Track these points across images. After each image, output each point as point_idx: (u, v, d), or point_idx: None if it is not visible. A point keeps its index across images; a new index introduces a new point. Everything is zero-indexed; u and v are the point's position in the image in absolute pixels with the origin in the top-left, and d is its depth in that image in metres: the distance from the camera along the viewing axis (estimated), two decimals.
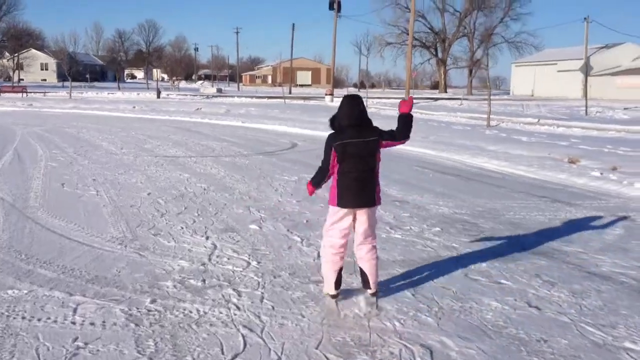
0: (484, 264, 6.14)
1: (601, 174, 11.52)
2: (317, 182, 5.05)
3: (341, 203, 4.81)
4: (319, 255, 6.02)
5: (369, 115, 5.06)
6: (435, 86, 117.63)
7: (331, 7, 67.77)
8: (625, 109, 37.31)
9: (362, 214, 4.84)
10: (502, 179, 11.87)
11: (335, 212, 4.88)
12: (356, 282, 5.33)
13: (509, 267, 6.04)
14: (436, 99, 53.25)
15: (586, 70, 33.41)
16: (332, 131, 4.92)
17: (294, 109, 37.99)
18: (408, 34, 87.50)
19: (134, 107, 38.06)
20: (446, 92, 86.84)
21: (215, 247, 6.68)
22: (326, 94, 52.02)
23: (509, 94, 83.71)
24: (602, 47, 74.31)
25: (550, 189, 10.85)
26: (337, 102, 48.08)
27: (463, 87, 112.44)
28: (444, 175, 12.17)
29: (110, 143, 17.70)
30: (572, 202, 9.54)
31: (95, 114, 33.12)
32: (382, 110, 35.68)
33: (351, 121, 4.83)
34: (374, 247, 4.97)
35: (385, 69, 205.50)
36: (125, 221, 7.84)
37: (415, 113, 9.16)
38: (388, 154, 6.89)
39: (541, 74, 78.32)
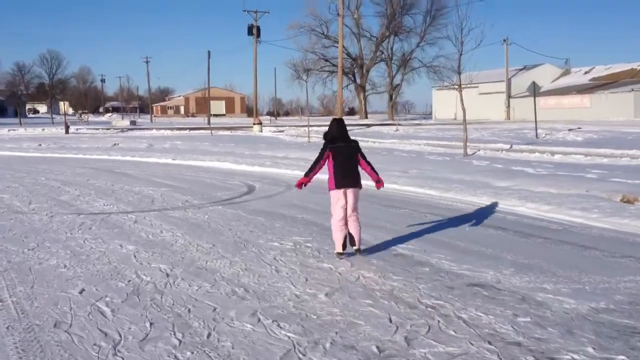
0: None
1: None
2: (310, 172, 7.49)
3: (337, 186, 7.28)
4: None
5: None
6: (351, 112, 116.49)
7: (250, 33, 64.70)
8: (570, 130, 36.06)
9: (350, 193, 7.30)
10: (569, 232, 8.92)
11: (335, 195, 7.32)
12: None
13: None
14: (368, 125, 51.00)
15: (534, 90, 31.73)
16: (324, 141, 7.52)
17: (225, 141, 34.39)
18: (326, 60, 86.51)
19: (40, 144, 33.30)
20: (367, 117, 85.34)
21: None
22: (254, 124, 48.61)
23: (431, 118, 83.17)
24: (522, 69, 75.04)
25: None
26: (266, 133, 44.94)
27: (380, 112, 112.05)
28: (485, 230, 9.11)
29: (13, 195, 13.68)
30: None
31: None
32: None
33: (339, 134, 7.47)
34: (358, 217, 7.39)
35: (297, 97, 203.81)
36: None
37: (361, 141, 8.76)
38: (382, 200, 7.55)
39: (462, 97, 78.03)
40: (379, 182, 7.57)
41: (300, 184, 7.49)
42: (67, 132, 47.36)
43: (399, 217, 10.23)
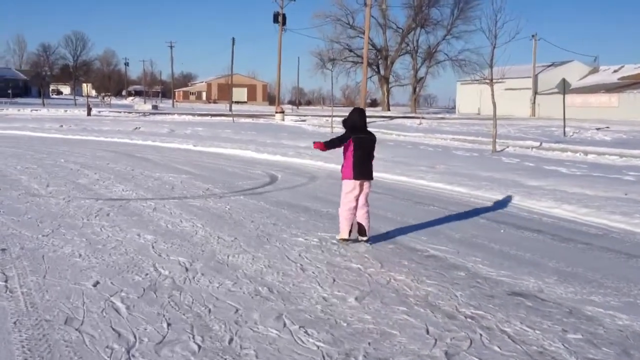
0: None
1: None
2: (330, 145, 7.42)
3: (355, 177, 7.32)
4: None
5: None
6: (373, 103, 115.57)
7: (275, 20, 64.23)
8: (597, 129, 35.19)
9: (365, 185, 7.45)
10: (611, 238, 8.37)
11: (350, 184, 7.37)
12: None
13: None
14: (391, 118, 50.38)
15: (564, 87, 30.95)
16: (344, 128, 7.50)
17: (246, 129, 34.04)
18: (350, 51, 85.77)
19: (62, 125, 33.20)
20: (389, 110, 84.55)
21: None
22: (276, 112, 48.21)
23: (454, 112, 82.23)
24: (549, 66, 73.71)
25: None
26: (288, 122, 44.52)
27: (402, 105, 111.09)
28: (521, 232, 8.62)
29: (32, 177, 13.40)
30: None
31: (15, 135, 28.25)
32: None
33: (361, 124, 7.45)
34: (368, 210, 7.52)
35: (319, 86, 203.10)
36: None
37: (384, 134, 8.70)
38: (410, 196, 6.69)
39: (488, 93, 76.97)
40: None
41: (317, 146, 7.48)
42: (89, 114, 47.35)
43: (428, 215, 9.76)
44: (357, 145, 7.28)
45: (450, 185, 12.65)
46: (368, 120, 8.00)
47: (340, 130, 7.94)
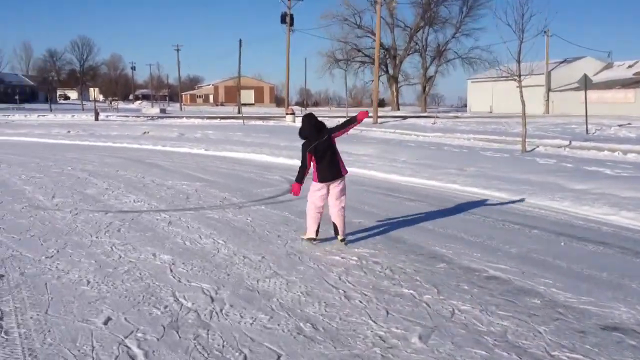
0: None
1: None
2: (300, 178, 7.46)
3: (321, 180, 7.36)
4: None
5: None
6: (381, 103, 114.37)
7: (283, 21, 63.26)
8: (620, 125, 34.08)
9: (334, 185, 7.39)
10: None
11: (317, 185, 7.41)
12: None
13: None
14: (404, 117, 49.31)
15: (585, 83, 29.90)
16: (303, 140, 7.40)
17: (258, 131, 33.09)
18: (358, 51, 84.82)
19: (69, 131, 32.38)
20: (399, 109, 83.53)
21: None
22: (287, 114, 47.31)
23: (465, 110, 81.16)
24: (562, 62, 72.51)
25: None
26: (299, 123, 43.79)
27: (410, 104, 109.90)
28: (584, 245, 7.64)
29: (37, 186, 12.53)
30: None
31: (22, 141, 27.48)
32: (369, 132, 31.14)
33: (312, 130, 7.38)
34: (343, 207, 7.46)
35: (326, 87, 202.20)
36: None
37: (402, 134, 7.36)
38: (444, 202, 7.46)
39: (499, 90, 76.02)
40: (358, 120, 7.61)
41: (298, 190, 7.51)
42: (96, 119, 46.59)
43: (472, 226, 8.80)
44: (315, 154, 7.28)
45: (487, 190, 11.68)
46: (380, 120, 8.37)
47: (356, 132, 7.52)
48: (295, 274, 6.30)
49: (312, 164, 7.39)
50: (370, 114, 7.13)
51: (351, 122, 7.68)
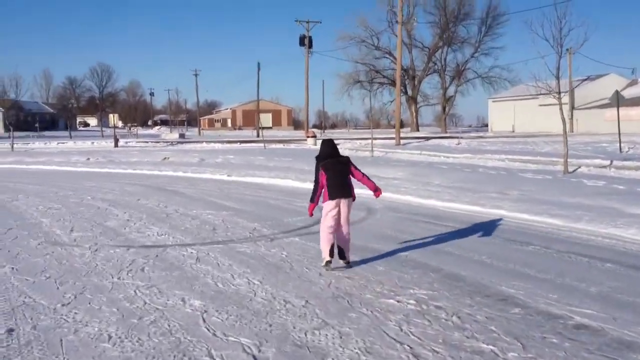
0: None
1: None
2: (313, 197, 7.60)
3: (331, 197, 7.38)
4: None
5: None
6: (400, 124, 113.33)
7: (301, 43, 62.99)
8: None
9: (343, 205, 7.43)
10: None
11: (328, 205, 7.40)
12: None
13: None
14: (427, 138, 48.45)
15: (617, 99, 28.83)
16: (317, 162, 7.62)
17: (279, 154, 32.36)
18: (377, 72, 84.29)
19: (89, 158, 31.89)
20: (418, 130, 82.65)
21: None
22: (308, 137, 46.63)
23: (486, 130, 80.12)
24: (585, 79, 71.21)
25: None
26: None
27: (427, 125, 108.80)
28: None
29: (55, 219, 11.81)
30: None
31: (41, 169, 27.02)
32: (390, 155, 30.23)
33: (331, 152, 7.68)
34: (349, 232, 7.56)
35: (343, 109, 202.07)
36: None
37: (430, 156, 6.69)
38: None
39: (521, 109, 74.96)
40: (377, 191, 7.85)
41: (312, 211, 7.75)
42: (116, 145, 46.23)
43: (534, 259, 7.87)
44: (326, 168, 7.44)
45: (538, 216, 10.73)
46: (402, 141, 7.23)
47: (381, 154, 6.88)
48: (348, 323, 5.43)
49: (322, 182, 7.48)
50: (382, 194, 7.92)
51: (370, 183, 7.84)
